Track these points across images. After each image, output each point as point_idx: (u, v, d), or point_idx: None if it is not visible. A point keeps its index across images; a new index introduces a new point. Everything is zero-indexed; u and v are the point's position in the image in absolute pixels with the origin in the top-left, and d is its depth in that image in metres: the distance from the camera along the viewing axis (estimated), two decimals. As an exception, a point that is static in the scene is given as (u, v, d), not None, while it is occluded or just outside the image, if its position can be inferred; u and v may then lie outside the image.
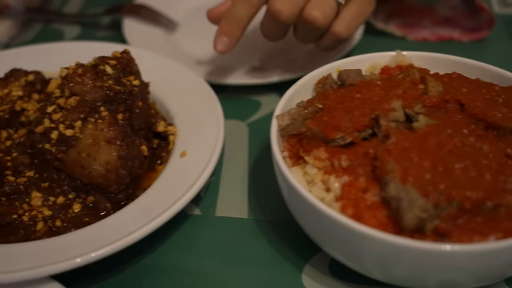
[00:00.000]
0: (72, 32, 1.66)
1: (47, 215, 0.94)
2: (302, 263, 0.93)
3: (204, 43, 1.48)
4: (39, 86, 1.16)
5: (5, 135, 1.09)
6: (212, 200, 1.05)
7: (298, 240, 0.96)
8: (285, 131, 0.94)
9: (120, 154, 0.93)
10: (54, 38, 1.60)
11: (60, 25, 1.70)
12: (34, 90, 1.15)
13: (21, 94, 1.12)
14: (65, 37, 1.64)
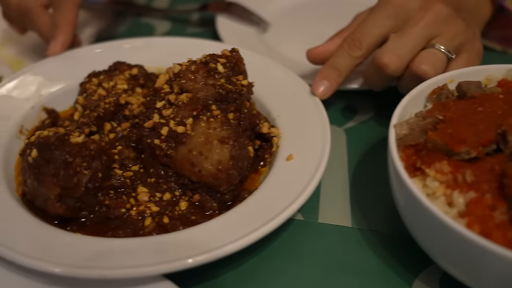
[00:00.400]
0: (163, 27, 1.67)
1: (154, 211, 0.94)
2: (412, 277, 0.90)
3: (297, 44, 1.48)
4: (142, 80, 1.17)
5: (108, 128, 1.10)
6: (313, 206, 1.03)
7: (407, 252, 0.93)
8: (402, 141, 0.91)
9: (232, 154, 0.92)
10: (145, 33, 1.61)
11: (150, 19, 1.71)
12: (137, 84, 1.16)
13: (126, 87, 1.13)
14: (156, 32, 1.65)
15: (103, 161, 0.94)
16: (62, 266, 0.79)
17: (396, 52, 1.08)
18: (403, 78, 1.14)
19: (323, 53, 1.20)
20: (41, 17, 1.29)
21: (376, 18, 1.12)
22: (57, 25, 1.26)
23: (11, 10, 1.33)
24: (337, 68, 1.14)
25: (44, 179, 0.88)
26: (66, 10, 1.27)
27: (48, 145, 0.88)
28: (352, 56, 1.13)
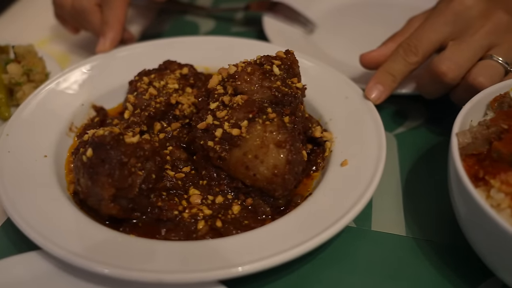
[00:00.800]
0: (207, 25, 1.67)
1: (207, 214, 0.93)
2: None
3: (345, 45, 1.46)
4: (192, 80, 1.16)
5: (158, 128, 1.09)
6: (366, 213, 1.01)
7: (464, 263, 0.91)
8: (464, 150, 0.88)
9: (289, 159, 0.91)
10: (189, 31, 1.61)
11: (194, 17, 1.70)
12: (187, 84, 1.15)
13: (176, 87, 1.12)
14: (200, 30, 1.64)
15: (156, 162, 0.93)
16: (116, 268, 0.79)
17: (455, 60, 1.05)
18: (458, 87, 1.11)
19: (377, 58, 1.18)
20: (96, 16, 1.29)
21: (434, 24, 1.09)
22: (107, 22, 1.26)
23: (65, 10, 1.34)
24: (391, 73, 1.12)
25: (99, 178, 0.87)
26: (116, 7, 1.27)
27: (104, 145, 0.88)
28: (407, 62, 1.11)
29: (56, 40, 1.52)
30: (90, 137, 0.91)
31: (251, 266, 0.79)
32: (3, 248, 0.94)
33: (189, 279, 0.78)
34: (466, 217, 0.84)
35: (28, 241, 0.87)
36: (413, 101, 1.29)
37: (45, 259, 0.86)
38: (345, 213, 0.87)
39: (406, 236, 0.97)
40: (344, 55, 1.42)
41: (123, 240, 0.85)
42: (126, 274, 0.78)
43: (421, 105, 1.28)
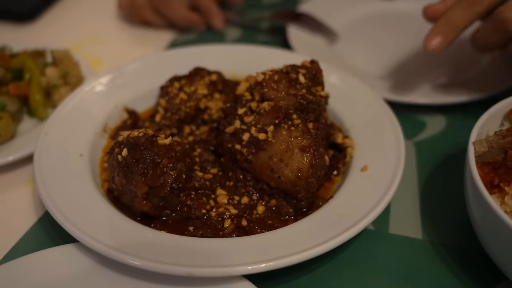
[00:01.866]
0: (233, 34, 1.72)
1: (233, 213, 0.98)
2: (483, 292, 0.91)
3: (367, 56, 1.51)
4: (220, 86, 1.21)
5: (188, 131, 1.14)
6: (384, 217, 1.05)
7: (478, 267, 0.94)
8: (480, 158, 0.92)
9: (312, 163, 0.95)
10: (215, 39, 1.66)
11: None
12: (216, 90, 1.20)
13: (206, 92, 1.17)
14: (226, 39, 1.69)
15: (186, 163, 0.98)
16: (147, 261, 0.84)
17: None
18: None
19: (441, 10, 1.17)
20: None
21: None
22: (207, 6, 1.57)
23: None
24: (453, 23, 1.11)
25: (133, 177, 0.93)
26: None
27: (138, 145, 0.93)
28: (470, 11, 1.09)
29: (89, 44, 1.59)
30: (125, 138, 0.96)
31: (274, 263, 0.84)
32: (40, 241, 1.00)
33: (217, 273, 0.83)
34: (481, 222, 0.88)
35: (64, 234, 0.94)
36: (432, 110, 1.32)
37: (81, 252, 0.91)
38: (364, 216, 0.91)
39: (422, 239, 1.01)
40: (366, 64, 1.47)
41: (154, 236, 0.91)
42: (157, 267, 0.83)
43: (439, 114, 1.32)
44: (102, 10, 1.80)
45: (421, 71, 1.46)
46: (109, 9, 1.81)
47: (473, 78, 1.41)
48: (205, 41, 1.57)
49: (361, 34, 1.66)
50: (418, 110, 1.33)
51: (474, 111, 1.29)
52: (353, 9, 1.76)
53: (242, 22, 1.76)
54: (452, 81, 1.40)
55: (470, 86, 1.35)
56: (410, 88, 1.35)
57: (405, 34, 1.65)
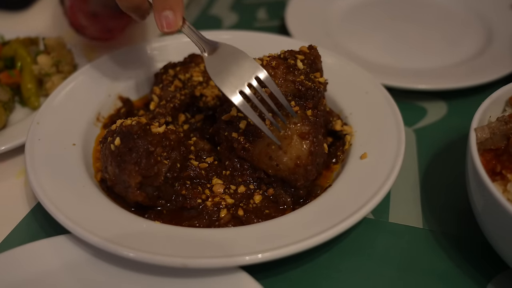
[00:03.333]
0: (230, 19, 1.69)
1: (229, 203, 0.96)
2: (484, 281, 0.89)
3: (367, 42, 1.48)
4: (216, 73, 1.18)
5: (183, 119, 1.12)
6: (384, 205, 1.03)
7: (480, 256, 0.93)
8: (482, 145, 0.90)
9: (311, 150, 0.93)
10: (212, 25, 1.64)
11: (217, 12, 1.73)
12: (211, 77, 1.17)
13: (201, 79, 1.14)
14: (223, 25, 1.67)
15: (181, 151, 0.96)
16: (141, 252, 0.82)
17: None
18: None
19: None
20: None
21: None
22: None
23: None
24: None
25: (126, 167, 0.91)
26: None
27: (131, 134, 0.91)
28: None
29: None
30: (118, 127, 0.94)
31: (271, 254, 0.82)
32: (33, 232, 0.98)
33: (212, 264, 0.81)
34: (483, 210, 0.86)
35: (56, 226, 0.91)
36: (432, 96, 1.30)
37: (73, 243, 0.89)
38: (363, 205, 0.89)
39: (423, 228, 0.99)
40: (365, 50, 1.44)
41: (148, 226, 0.89)
42: (151, 258, 0.81)
43: (440, 100, 1.30)
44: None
45: (421, 57, 1.44)
46: None
47: (474, 63, 1.39)
48: (202, 28, 1.53)
49: (359, 20, 1.64)
50: (418, 96, 1.30)
51: (475, 97, 1.28)
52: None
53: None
54: (452, 67, 1.38)
55: (471, 72, 1.33)
56: (410, 74, 1.33)
57: (405, 20, 1.63)
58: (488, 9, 1.64)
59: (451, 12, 1.66)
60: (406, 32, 1.56)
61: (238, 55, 0.97)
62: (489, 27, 1.56)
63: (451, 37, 1.53)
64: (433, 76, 1.32)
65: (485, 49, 1.44)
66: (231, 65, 0.95)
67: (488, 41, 1.49)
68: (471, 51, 1.45)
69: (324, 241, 0.84)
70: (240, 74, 0.95)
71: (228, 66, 0.95)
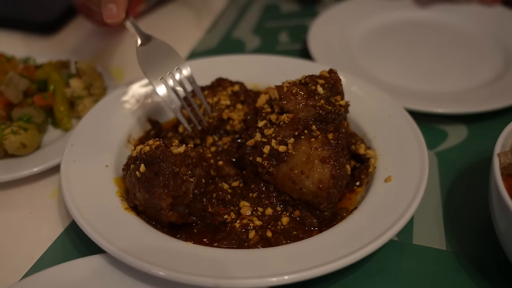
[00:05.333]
0: (253, 43, 1.73)
1: (257, 225, 0.99)
2: (508, 303, 0.91)
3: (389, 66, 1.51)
4: (242, 97, 1.21)
5: (210, 141, 1.15)
6: (408, 228, 1.05)
7: (503, 279, 0.94)
8: (505, 170, 0.92)
9: (333, 174, 0.96)
10: (235, 49, 1.68)
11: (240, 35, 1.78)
12: (238, 100, 1.21)
13: (228, 103, 1.18)
14: (246, 48, 1.71)
15: (203, 166, 0.99)
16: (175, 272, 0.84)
17: None
18: None
19: None
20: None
21: None
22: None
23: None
24: None
25: (155, 191, 0.93)
26: None
27: (155, 158, 0.94)
28: None
29: (111, 55, 1.61)
30: (139, 153, 0.97)
31: (300, 275, 0.84)
32: (67, 251, 1.02)
33: (244, 284, 0.83)
34: (506, 232, 0.88)
35: (90, 245, 0.95)
36: (453, 120, 1.32)
37: (107, 262, 0.92)
38: (388, 228, 0.91)
39: (446, 250, 1.01)
40: (386, 74, 1.47)
41: (180, 247, 0.92)
42: (184, 278, 0.84)
43: (460, 124, 1.32)
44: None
45: (440, 81, 1.47)
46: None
47: (493, 87, 1.41)
48: (225, 51, 1.58)
49: (379, 43, 1.67)
50: (439, 120, 1.33)
51: (495, 120, 1.30)
52: (371, 18, 1.77)
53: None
54: (472, 91, 1.41)
55: (491, 96, 1.35)
56: (430, 98, 1.35)
57: (424, 43, 1.65)
58: (506, 32, 1.66)
59: (469, 36, 1.69)
60: (425, 55, 1.59)
61: (167, 49, 1.15)
62: (507, 51, 1.58)
63: (470, 60, 1.56)
64: (453, 99, 1.35)
65: (504, 73, 1.47)
66: (158, 57, 1.13)
67: (507, 65, 1.51)
68: (490, 74, 1.47)
69: (350, 264, 0.87)
70: (166, 65, 1.13)
71: (156, 57, 1.13)
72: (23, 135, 1.16)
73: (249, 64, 1.40)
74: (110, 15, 1.09)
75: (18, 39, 1.72)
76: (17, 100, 1.26)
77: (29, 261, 0.99)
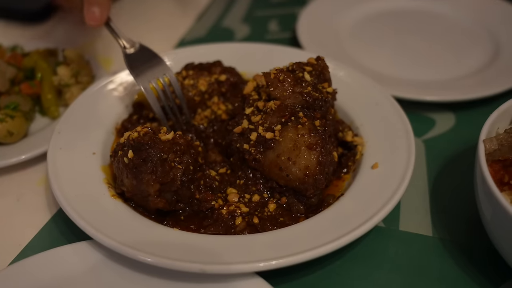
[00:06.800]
0: (242, 32, 1.73)
1: (244, 211, 0.99)
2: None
3: (377, 54, 1.51)
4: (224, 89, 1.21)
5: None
6: (394, 214, 1.06)
7: (488, 264, 0.95)
8: (490, 156, 0.93)
9: (319, 160, 0.96)
10: (224, 37, 1.67)
11: (229, 24, 1.77)
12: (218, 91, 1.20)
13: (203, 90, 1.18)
14: (235, 37, 1.70)
15: (191, 154, 0.99)
16: (161, 258, 0.84)
17: None
18: None
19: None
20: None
21: None
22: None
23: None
24: None
25: (143, 177, 0.94)
26: None
27: (143, 145, 0.94)
28: None
29: (99, 44, 1.60)
30: (126, 140, 0.97)
31: (286, 260, 0.85)
32: (54, 238, 1.02)
33: (229, 270, 0.84)
34: (491, 219, 0.88)
35: (77, 232, 0.95)
36: (440, 108, 1.33)
37: (94, 249, 0.93)
38: (374, 214, 0.92)
39: (432, 236, 1.01)
40: (374, 62, 1.47)
41: (166, 233, 0.92)
42: (170, 264, 0.84)
43: (448, 112, 1.33)
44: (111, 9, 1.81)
45: (429, 69, 1.47)
46: (118, 8, 1.82)
47: (482, 75, 1.41)
48: (214, 40, 1.58)
49: (369, 31, 1.67)
50: (427, 107, 1.33)
51: (482, 108, 1.30)
52: (361, 7, 1.77)
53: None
54: (460, 79, 1.41)
55: (479, 84, 1.36)
56: (418, 86, 1.36)
57: (413, 32, 1.66)
58: (495, 21, 1.66)
59: (458, 25, 1.69)
60: (414, 44, 1.59)
61: (154, 57, 1.18)
62: (496, 39, 1.58)
63: (459, 49, 1.56)
64: (442, 87, 1.35)
65: (493, 61, 1.47)
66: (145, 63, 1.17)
67: (496, 53, 1.51)
68: (479, 63, 1.48)
69: (336, 249, 0.87)
70: (153, 71, 1.15)
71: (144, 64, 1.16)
72: (10, 123, 1.15)
73: (238, 52, 1.39)
74: (93, 17, 1.09)
75: (6, 28, 1.71)
76: (4, 88, 1.26)
77: (16, 248, 0.99)
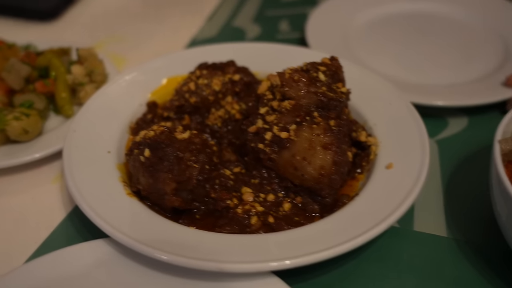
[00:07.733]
0: (253, 32, 1.73)
1: (259, 211, 0.99)
2: (509, 289, 0.92)
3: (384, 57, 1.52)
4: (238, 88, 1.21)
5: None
6: (409, 214, 1.06)
7: (504, 265, 0.95)
8: (506, 157, 0.93)
9: (335, 160, 0.96)
10: (236, 37, 1.68)
11: (240, 24, 1.77)
12: (232, 90, 1.20)
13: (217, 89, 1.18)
14: (247, 37, 1.71)
15: (207, 153, 0.99)
16: (179, 256, 0.85)
17: None
18: None
19: None
20: None
21: None
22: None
23: None
24: None
25: (160, 175, 0.94)
26: None
27: (159, 143, 0.94)
28: None
29: (112, 42, 1.61)
30: (143, 138, 0.97)
31: (301, 260, 0.85)
32: (70, 236, 1.02)
33: (246, 269, 0.84)
34: (507, 219, 0.88)
35: (93, 230, 0.96)
36: (454, 110, 1.33)
37: (110, 247, 0.93)
38: (390, 214, 0.92)
39: (447, 237, 1.01)
40: (383, 65, 1.47)
41: (183, 231, 0.92)
42: (187, 262, 0.84)
43: (462, 113, 1.33)
44: (123, 8, 1.82)
45: (439, 72, 1.47)
46: (130, 7, 1.83)
47: (493, 79, 1.40)
48: (225, 39, 1.58)
49: (379, 34, 1.67)
50: (439, 110, 1.33)
51: (496, 109, 1.30)
52: (371, 9, 1.77)
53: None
54: (472, 83, 1.41)
55: (491, 88, 1.35)
56: (429, 90, 1.35)
57: (424, 35, 1.65)
58: (506, 24, 1.65)
59: (469, 28, 1.68)
60: (424, 47, 1.59)
61: None
62: (506, 43, 1.58)
63: (470, 52, 1.55)
64: (453, 91, 1.34)
65: (504, 65, 1.46)
66: None
67: (506, 56, 1.51)
68: (490, 66, 1.47)
69: (352, 249, 0.87)
70: None
71: None
72: (25, 121, 1.16)
73: (250, 51, 1.39)
74: None
75: (19, 27, 1.72)
76: (19, 86, 1.26)
77: (32, 246, 1.00)
